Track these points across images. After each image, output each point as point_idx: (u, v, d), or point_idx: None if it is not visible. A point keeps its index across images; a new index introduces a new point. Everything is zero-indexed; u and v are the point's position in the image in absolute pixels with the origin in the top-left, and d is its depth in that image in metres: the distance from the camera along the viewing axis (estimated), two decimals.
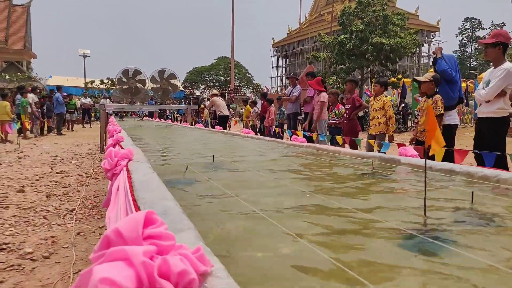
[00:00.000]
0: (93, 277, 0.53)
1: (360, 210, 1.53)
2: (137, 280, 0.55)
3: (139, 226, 0.63)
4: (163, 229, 0.66)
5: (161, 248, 0.62)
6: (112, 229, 0.63)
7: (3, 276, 2.47)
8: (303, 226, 1.36)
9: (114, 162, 2.02)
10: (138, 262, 0.56)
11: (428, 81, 4.78)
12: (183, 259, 0.61)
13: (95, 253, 0.63)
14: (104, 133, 9.56)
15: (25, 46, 35.98)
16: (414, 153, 2.76)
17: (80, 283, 0.58)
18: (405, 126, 17.69)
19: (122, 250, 0.57)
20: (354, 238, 1.22)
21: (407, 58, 38.98)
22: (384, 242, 1.18)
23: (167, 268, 0.58)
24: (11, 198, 4.55)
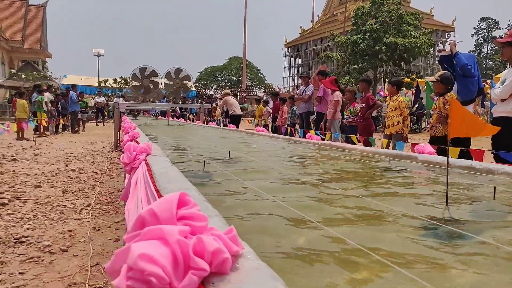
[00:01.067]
0: (131, 253, 0.54)
1: (381, 201, 1.53)
2: (172, 258, 0.56)
3: (173, 207, 0.64)
4: (195, 210, 0.67)
5: (194, 229, 0.63)
6: (146, 210, 0.64)
7: (23, 268, 2.52)
8: (325, 215, 1.37)
9: (133, 156, 2.04)
10: (174, 241, 0.57)
11: (436, 80, 4.83)
12: (216, 239, 0.62)
13: (129, 234, 0.64)
14: (118, 131, 9.65)
15: (41, 45, 36.53)
16: (431, 150, 2.74)
17: (115, 261, 0.59)
18: (419, 127, 17.49)
19: (158, 229, 0.58)
20: (378, 226, 1.23)
21: (421, 58, 38.55)
22: (408, 230, 1.19)
23: (201, 247, 0.59)
24: (29, 193, 4.63)
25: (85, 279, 2.42)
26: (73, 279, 2.41)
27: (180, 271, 0.56)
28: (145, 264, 0.53)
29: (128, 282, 0.53)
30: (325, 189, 1.88)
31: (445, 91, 4.79)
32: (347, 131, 7.03)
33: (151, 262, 0.53)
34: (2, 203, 4.06)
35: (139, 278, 0.53)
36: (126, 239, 0.63)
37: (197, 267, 0.57)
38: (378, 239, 1.13)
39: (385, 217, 1.36)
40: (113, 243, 3.08)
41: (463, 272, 0.91)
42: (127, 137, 3.60)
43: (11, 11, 35.87)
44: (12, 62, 35.35)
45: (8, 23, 34.11)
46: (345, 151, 3.53)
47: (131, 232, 0.63)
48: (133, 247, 0.55)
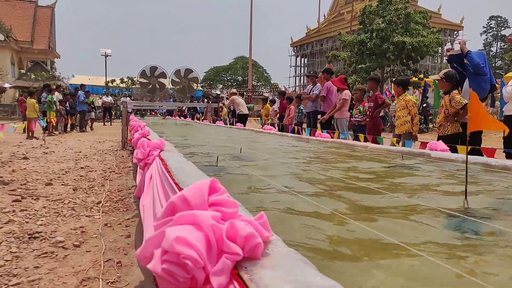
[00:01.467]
0: (167, 237, 0.55)
1: (399, 194, 1.54)
2: (206, 242, 0.57)
3: (204, 193, 0.65)
4: (225, 196, 0.67)
5: (225, 215, 0.63)
6: (178, 196, 0.65)
7: (38, 262, 2.55)
8: (345, 206, 1.38)
9: (147, 152, 2.06)
10: (207, 225, 0.57)
11: (440, 78, 4.82)
12: (248, 225, 0.62)
13: (159, 220, 0.65)
14: (126, 130, 9.69)
15: (50, 46, 36.80)
16: (445, 148, 2.73)
17: (147, 246, 0.60)
18: (427, 126, 17.37)
19: (191, 214, 0.59)
20: (400, 218, 1.24)
21: (429, 58, 38.27)
22: (429, 221, 1.20)
23: (234, 231, 0.59)
24: (40, 191, 4.68)
25: (98, 274, 2.44)
26: (87, 273, 2.43)
27: (213, 255, 0.57)
28: (181, 247, 0.54)
29: (163, 265, 0.54)
30: (339, 182, 1.88)
31: (450, 89, 4.78)
32: (356, 130, 7.01)
33: (187, 245, 0.54)
34: (15, 200, 4.10)
35: (174, 261, 0.54)
36: (156, 226, 0.64)
37: (231, 251, 0.58)
38: (404, 231, 1.13)
39: (409, 210, 1.37)
40: (124, 240, 3.10)
41: (491, 262, 0.91)
42: (138, 135, 3.62)
43: (21, 13, 36.20)
44: (21, 62, 35.67)
45: (17, 25, 34.42)
46: (355, 147, 3.53)
47: (161, 219, 0.64)
48: (168, 231, 0.55)
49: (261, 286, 0.52)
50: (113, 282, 2.35)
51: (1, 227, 3.21)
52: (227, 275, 0.57)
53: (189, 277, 0.55)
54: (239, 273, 0.57)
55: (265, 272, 0.56)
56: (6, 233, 3.06)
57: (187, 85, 13.86)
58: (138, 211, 3.88)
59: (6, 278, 2.30)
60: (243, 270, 0.58)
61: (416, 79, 21.05)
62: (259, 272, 0.57)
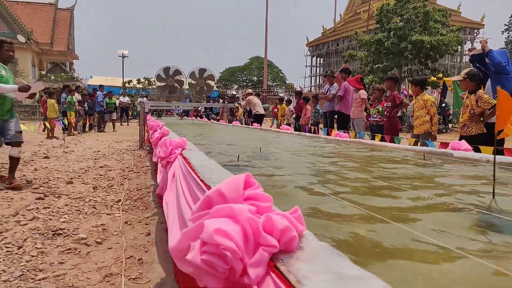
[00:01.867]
0: (206, 229, 0.56)
1: (424, 191, 1.53)
2: (243, 234, 0.58)
3: (240, 187, 0.66)
4: (260, 191, 0.69)
5: (260, 209, 0.65)
6: (213, 190, 0.66)
7: (62, 258, 2.61)
8: (374, 204, 1.38)
9: (169, 150, 2.08)
10: (244, 218, 0.59)
11: (462, 78, 4.71)
12: (283, 218, 0.63)
13: (195, 214, 0.66)
14: (143, 130, 9.80)
15: (69, 48, 37.52)
16: (468, 147, 2.69)
17: (182, 239, 0.61)
18: (446, 127, 17.08)
19: (228, 208, 0.60)
20: (428, 214, 1.23)
21: (448, 57, 37.59)
22: (458, 218, 1.19)
23: (271, 224, 0.60)
24: (62, 189, 4.78)
25: (120, 270, 2.48)
26: (109, 270, 2.48)
27: (250, 247, 0.58)
28: (221, 238, 0.55)
29: (203, 256, 0.56)
30: (364, 181, 1.88)
31: (475, 88, 4.67)
32: (374, 130, 6.94)
33: (226, 237, 0.55)
34: (38, 198, 4.20)
35: (213, 252, 0.55)
36: (192, 219, 0.65)
37: (267, 243, 0.59)
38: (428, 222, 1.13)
39: (433, 204, 1.37)
40: (144, 237, 3.15)
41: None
42: (158, 134, 3.67)
43: (41, 15, 36.99)
44: (41, 64, 36.44)
45: (38, 27, 35.18)
46: (375, 147, 3.50)
47: (197, 212, 0.65)
48: (207, 223, 0.57)
49: (299, 277, 0.53)
50: (135, 278, 2.39)
51: (26, 224, 3.30)
52: (264, 267, 0.58)
53: (227, 268, 0.57)
54: (276, 265, 0.58)
55: (301, 264, 0.57)
56: (31, 230, 3.14)
57: (203, 85, 13.94)
58: (157, 210, 3.93)
59: (33, 273, 2.37)
60: (280, 262, 0.59)
61: (435, 78, 20.72)
62: (295, 264, 0.58)
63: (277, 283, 0.54)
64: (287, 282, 0.53)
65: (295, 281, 0.53)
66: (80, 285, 2.26)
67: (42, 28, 35.95)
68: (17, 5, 36.13)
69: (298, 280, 0.53)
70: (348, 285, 0.50)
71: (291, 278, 0.54)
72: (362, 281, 0.51)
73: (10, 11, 32.49)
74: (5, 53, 4.85)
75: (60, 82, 27.13)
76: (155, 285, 2.31)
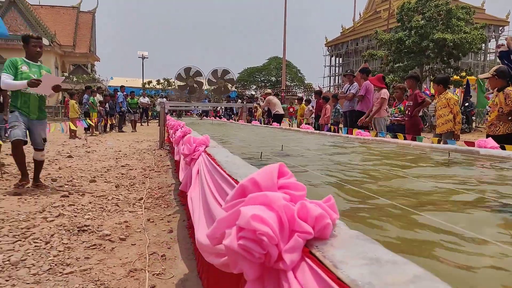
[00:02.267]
0: (243, 215, 0.57)
1: (449, 188, 1.51)
2: (278, 221, 0.59)
3: (274, 176, 0.67)
4: (293, 180, 0.70)
5: (294, 197, 0.66)
6: (248, 179, 0.68)
7: (88, 254, 2.67)
8: (402, 200, 1.37)
9: (193, 148, 2.11)
10: (279, 205, 0.60)
11: (491, 76, 4.59)
12: (317, 206, 0.64)
13: (228, 203, 0.68)
14: (163, 130, 9.91)
15: (90, 50, 38.29)
16: (494, 145, 2.63)
17: (218, 226, 0.63)
18: (469, 126, 16.71)
19: (263, 195, 0.62)
20: (454, 210, 1.22)
21: (471, 55, 36.72)
22: (484, 213, 1.18)
23: (305, 212, 0.61)
24: (86, 187, 4.88)
25: (144, 266, 2.53)
26: (134, 265, 2.53)
27: (285, 234, 0.59)
28: (257, 224, 0.56)
29: (240, 241, 0.57)
30: (388, 177, 1.86)
31: (504, 85, 4.55)
32: (395, 129, 6.86)
33: (262, 222, 0.57)
34: (63, 195, 4.31)
35: (250, 237, 0.57)
36: (227, 207, 0.67)
37: (302, 230, 0.60)
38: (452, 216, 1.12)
39: (461, 201, 1.35)
40: (167, 234, 3.19)
41: None
42: (180, 133, 3.71)
43: (64, 18, 37.88)
44: (64, 66, 37.30)
45: (61, 30, 36.04)
46: (398, 145, 3.47)
47: (231, 201, 0.67)
48: (244, 210, 0.58)
49: (335, 261, 0.54)
50: (159, 274, 2.43)
51: (53, 220, 3.38)
52: (299, 253, 0.59)
53: (264, 253, 0.58)
54: (311, 251, 0.59)
55: (336, 250, 0.58)
56: (57, 226, 3.23)
57: (222, 86, 14.02)
58: (178, 208, 3.98)
59: (60, 267, 2.43)
60: (315, 248, 0.60)
61: (458, 77, 20.30)
62: (330, 250, 0.58)
63: (313, 268, 0.55)
64: (323, 266, 0.54)
65: (331, 266, 0.53)
66: (105, 279, 2.31)
67: (65, 31, 36.82)
68: (41, 9, 37.10)
69: (334, 265, 0.53)
70: (384, 269, 0.51)
71: (327, 263, 0.54)
72: (397, 266, 0.52)
73: (35, 14, 33.37)
74: (32, 49, 4.67)
75: (82, 83, 27.70)
76: (179, 281, 2.35)
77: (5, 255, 2.56)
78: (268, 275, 0.62)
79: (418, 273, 0.49)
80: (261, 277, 0.62)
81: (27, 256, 2.57)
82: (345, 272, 0.51)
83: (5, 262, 2.45)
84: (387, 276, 0.49)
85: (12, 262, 2.44)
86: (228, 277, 1.23)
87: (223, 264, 0.73)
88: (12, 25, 32.34)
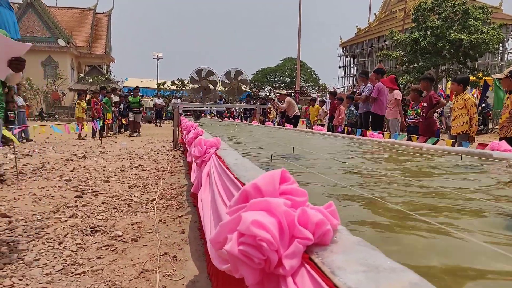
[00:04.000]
0: (244, 220, 0.58)
1: (461, 192, 1.49)
2: (279, 227, 0.59)
3: (276, 182, 0.68)
4: (295, 186, 0.70)
5: (295, 203, 0.66)
6: (250, 185, 0.68)
7: (100, 254, 2.71)
8: (409, 203, 1.36)
9: (204, 149, 2.13)
10: (280, 211, 0.60)
11: (506, 76, 4.54)
12: (318, 212, 0.64)
13: (231, 208, 0.68)
14: (177, 131, 9.97)
15: (106, 51, 38.77)
16: (508, 148, 2.58)
17: (220, 231, 0.63)
18: (486, 128, 16.43)
19: (265, 201, 0.62)
20: (466, 216, 1.21)
21: (488, 55, 36.11)
22: (496, 219, 1.16)
23: (306, 217, 0.62)
24: (99, 188, 4.95)
25: (155, 267, 2.55)
26: (145, 266, 2.55)
27: (285, 240, 0.59)
28: (258, 230, 0.57)
29: (240, 247, 0.57)
30: (400, 180, 1.85)
31: None
32: (410, 131, 6.79)
33: (262, 228, 0.57)
34: (77, 196, 4.37)
35: (250, 243, 0.57)
36: (230, 212, 0.67)
37: (302, 236, 0.60)
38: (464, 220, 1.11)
39: (472, 206, 1.34)
40: (178, 235, 3.22)
41: None
42: (192, 134, 3.73)
43: (80, 20, 38.48)
44: (80, 67, 37.88)
45: (77, 31, 36.62)
46: (410, 147, 3.43)
47: (234, 206, 0.67)
48: (245, 215, 0.59)
49: (333, 268, 0.54)
50: (169, 275, 2.44)
51: (66, 220, 3.44)
52: (299, 259, 0.59)
53: (263, 259, 0.58)
54: (310, 257, 0.60)
55: (336, 257, 0.58)
56: (70, 226, 3.28)
57: (236, 87, 14.04)
58: (191, 209, 4.01)
59: (73, 267, 2.47)
60: (314, 254, 0.60)
61: (474, 78, 19.99)
62: (330, 256, 0.58)
63: (312, 274, 0.55)
64: (321, 273, 0.54)
65: (329, 272, 0.53)
66: (117, 280, 2.34)
67: (81, 32, 37.39)
68: (57, 11, 37.75)
69: (332, 271, 0.53)
70: (381, 276, 0.51)
71: (325, 269, 0.54)
72: (395, 274, 0.52)
73: (52, 16, 33.96)
74: None
75: (97, 84, 28.09)
76: (189, 282, 2.36)
77: (20, 254, 2.61)
78: (268, 280, 0.62)
79: (414, 281, 0.49)
80: (261, 282, 0.63)
81: (41, 256, 2.61)
82: (342, 279, 0.51)
83: (19, 262, 2.50)
84: (383, 283, 0.49)
85: (26, 262, 2.49)
86: (237, 279, 1.24)
87: (227, 268, 0.74)
88: (30, 27, 33.00)
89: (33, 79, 29.34)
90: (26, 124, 11.40)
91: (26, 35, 31.64)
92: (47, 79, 32.01)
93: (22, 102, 12.11)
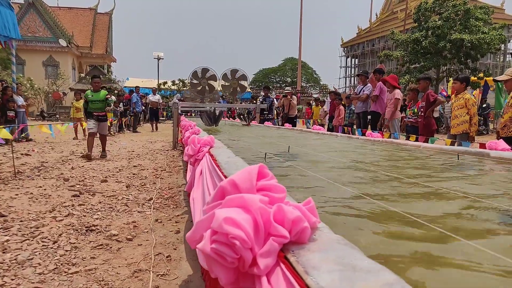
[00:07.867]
0: (216, 218, 0.56)
1: (461, 192, 1.47)
2: (254, 224, 0.57)
3: (253, 178, 0.65)
4: (274, 182, 0.68)
5: (273, 199, 0.64)
6: (227, 180, 0.66)
7: (94, 253, 2.69)
8: (416, 206, 1.34)
9: (197, 148, 2.10)
10: (255, 208, 0.58)
11: (508, 78, 4.50)
12: (295, 209, 0.62)
13: (209, 205, 0.66)
14: (176, 131, 9.94)
15: (107, 51, 38.76)
16: (506, 147, 2.55)
17: (196, 229, 0.61)
18: (486, 128, 16.38)
19: (240, 197, 0.60)
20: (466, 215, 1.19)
21: (490, 56, 36.06)
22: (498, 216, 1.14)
23: (282, 215, 0.59)
24: (96, 187, 4.92)
25: (149, 266, 2.53)
26: (139, 266, 2.53)
27: (260, 237, 0.57)
28: (230, 227, 0.54)
29: (212, 245, 0.55)
30: (398, 182, 1.82)
31: None
32: (409, 131, 6.76)
33: (235, 225, 0.55)
34: (74, 195, 4.35)
35: (223, 241, 0.55)
36: (207, 209, 0.65)
37: (278, 234, 0.58)
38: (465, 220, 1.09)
39: (473, 205, 1.31)
40: (174, 235, 3.19)
41: None
42: (188, 133, 3.72)
43: (81, 20, 38.49)
44: (81, 66, 37.89)
45: (78, 31, 36.64)
46: (408, 147, 3.40)
47: (212, 203, 0.65)
48: (218, 212, 0.56)
49: (308, 267, 0.52)
50: (163, 274, 2.42)
51: (62, 220, 3.42)
52: (274, 257, 0.57)
53: (237, 258, 0.56)
54: (285, 256, 0.57)
55: (312, 255, 0.55)
56: (66, 226, 3.26)
57: (237, 86, 14.00)
58: (187, 208, 3.98)
59: (66, 266, 2.45)
60: (290, 253, 0.57)
61: (475, 78, 19.94)
62: (306, 255, 0.56)
63: (286, 273, 0.52)
64: (295, 272, 0.52)
65: (302, 272, 0.51)
66: (110, 279, 2.31)
67: (82, 32, 37.40)
68: (59, 11, 37.75)
69: (306, 271, 0.51)
70: (356, 276, 0.48)
71: (299, 269, 0.52)
72: (371, 273, 0.49)
73: (53, 16, 33.98)
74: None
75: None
76: (182, 282, 2.34)
77: (13, 254, 2.59)
78: (243, 280, 0.60)
79: (390, 281, 0.47)
80: (236, 282, 0.60)
81: (34, 256, 2.59)
82: (314, 279, 0.48)
83: (11, 261, 2.48)
84: (358, 284, 0.46)
85: (19, 261, 2.47)
86: None
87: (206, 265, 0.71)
88: (31, 27, 33.00)
89: (34, 79, 29.38)
90: (26, 123, 11.39)
91: (28, 35, 31.68)
92: (48, 79, 32.03)
93: (22, 102, 12.09)
